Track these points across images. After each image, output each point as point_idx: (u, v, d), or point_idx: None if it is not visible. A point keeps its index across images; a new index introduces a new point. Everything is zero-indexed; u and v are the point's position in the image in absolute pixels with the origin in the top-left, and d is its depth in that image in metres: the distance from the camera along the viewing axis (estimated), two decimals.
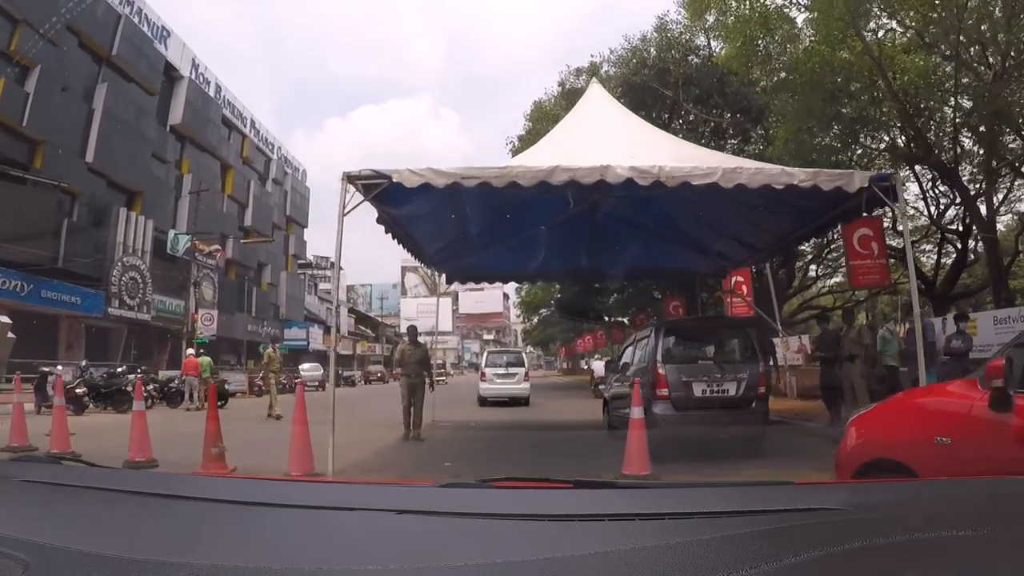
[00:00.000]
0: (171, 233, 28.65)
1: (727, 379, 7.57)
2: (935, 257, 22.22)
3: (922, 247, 24.16)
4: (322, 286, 61.85)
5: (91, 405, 15.77)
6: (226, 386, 19.81)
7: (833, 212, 7.63)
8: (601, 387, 14.69)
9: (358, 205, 6.04)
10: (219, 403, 17.54)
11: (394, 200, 6.41)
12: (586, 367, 39.28)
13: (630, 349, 9.71)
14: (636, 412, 6.08)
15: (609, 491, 1.33)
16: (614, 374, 10.17)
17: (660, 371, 7.49)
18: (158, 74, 30.43)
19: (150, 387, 17.74)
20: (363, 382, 43.46)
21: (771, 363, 11.73)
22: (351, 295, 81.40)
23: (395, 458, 8.33)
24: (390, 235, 8.33)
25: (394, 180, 5.78)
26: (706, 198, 8.18)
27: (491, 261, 11.25)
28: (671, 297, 26.33)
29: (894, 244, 14.62)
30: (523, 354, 22.09)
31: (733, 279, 19.13)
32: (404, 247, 9.31)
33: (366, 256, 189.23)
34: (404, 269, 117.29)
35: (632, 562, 0.87)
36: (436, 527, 1.07)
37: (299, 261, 48.87)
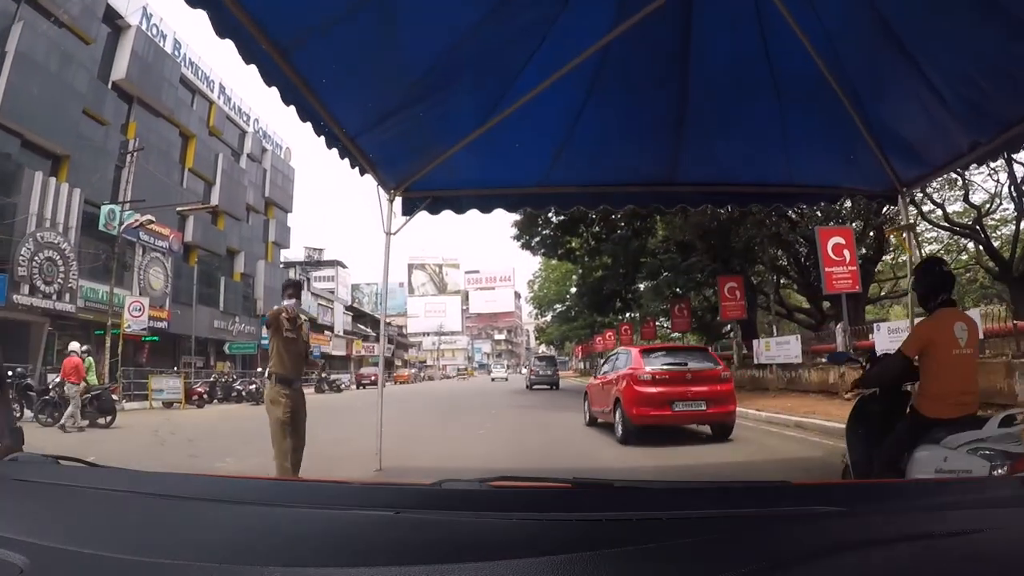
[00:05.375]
0: (104, 206, 23.41)
1: (546, 372, 31.94)
2: (1014, 230, 19.18)
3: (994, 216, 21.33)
4: (318, 285, 56.99)
5: None
6: (113, 396, 14.38)
7: None
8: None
9: None
10: (103, 419, 12.57)
11: None
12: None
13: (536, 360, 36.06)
14: None
15: (607, 491, 1.27)
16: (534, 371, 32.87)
17: (532, 368, 33.92)
18: (95, 19, 25.29)
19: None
20: (355, 386, 38.27)
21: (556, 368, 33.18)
22: (356, 294, 76.64)
23: None
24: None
25: None
26: None
27: (475, 164, 5.81)
28: (726, 276, 20.90)
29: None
30: (503, 363, 67.30)
31: (830, 240, 13.82)
32: (295, 106, 3.95)
33: (372, 254, 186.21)
34: (411, 267, 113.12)
35: (630, 562, 0.88)
36: (435, 527, 1.05)
37: (282, 250, 43.66)
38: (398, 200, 6.44)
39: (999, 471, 2.99)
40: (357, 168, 5.26)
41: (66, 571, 0.88)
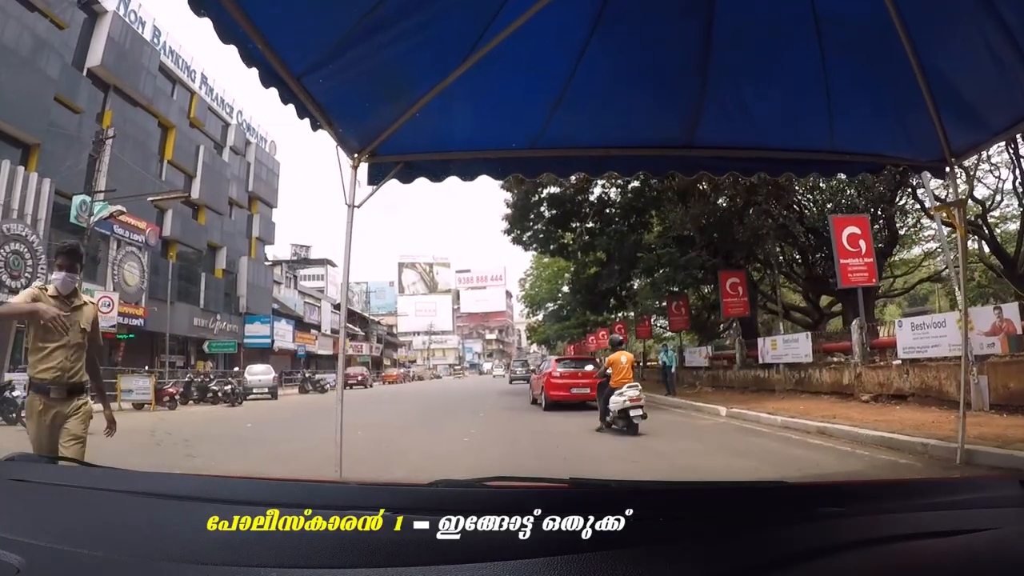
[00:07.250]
0: (76, 197, 22.29)
1: (522, 372, 38.65)
2: (1020, 226, 18.58)
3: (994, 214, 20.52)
4: (306, 284, 55.92)
5: None
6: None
7: None
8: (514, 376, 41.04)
9: None
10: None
11: None
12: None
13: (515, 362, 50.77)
14: None
15: (605, 492, 1.27)
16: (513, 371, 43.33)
17: (512, 369, 44.30)
18: (70, 3, 24.22)
19: None
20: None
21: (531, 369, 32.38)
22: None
23: None
24: None
25: None
26: None
27: (454, 120, 4.87)
28: (728, 272, 20.04)
29: None
30: (501, 363, 79.66)
31: (845, 229, 12.98)
32: (211, 20, 2.96)
33: (364, 253, 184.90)
34: (401, 265, 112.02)
35: (629, 563, 0.88)
36: (432, 527, 1.02)
37: (267, 246, 42.52)
38: (363, 168, 5.45)
39: (623, 404, 9.28)
40: (308, 120, 4.27)
41: (62, 571, 0.88)
